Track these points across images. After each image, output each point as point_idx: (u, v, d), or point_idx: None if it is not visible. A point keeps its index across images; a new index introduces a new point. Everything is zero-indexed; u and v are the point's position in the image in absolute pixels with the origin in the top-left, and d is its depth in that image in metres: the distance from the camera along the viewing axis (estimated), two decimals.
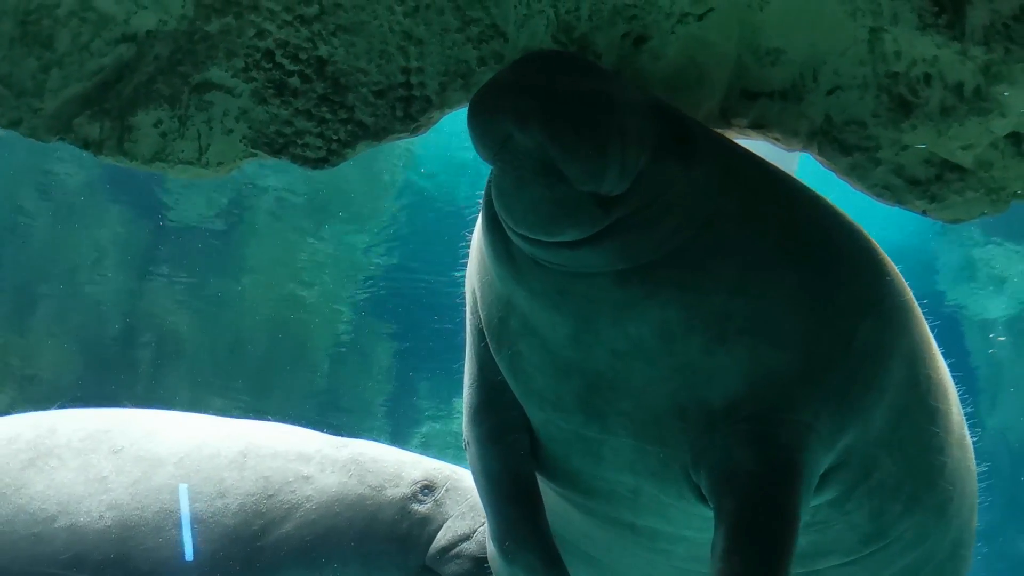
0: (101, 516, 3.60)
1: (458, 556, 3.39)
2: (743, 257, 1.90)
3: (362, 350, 11.60)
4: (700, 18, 2.14)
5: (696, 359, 1.88)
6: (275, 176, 9.80)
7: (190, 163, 2.10)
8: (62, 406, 4.23)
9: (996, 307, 10.98)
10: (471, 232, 2.37)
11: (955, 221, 2.44)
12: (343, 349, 11.51)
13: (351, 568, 3.53)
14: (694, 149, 1.91)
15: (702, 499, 2.02)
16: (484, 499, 2.28)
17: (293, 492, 3.60)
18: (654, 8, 2.12)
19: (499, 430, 2.20)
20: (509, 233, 1.90)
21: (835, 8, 2.27)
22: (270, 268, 10.63)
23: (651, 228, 1.81)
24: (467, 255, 2.35)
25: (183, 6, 2.10)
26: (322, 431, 4.18)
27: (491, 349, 2.16)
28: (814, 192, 2.24)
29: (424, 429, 12.21)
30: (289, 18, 2.12)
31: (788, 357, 1.92)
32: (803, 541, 2.10)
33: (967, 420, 2.61)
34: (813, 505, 2.09)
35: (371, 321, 11.38)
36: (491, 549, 2.88)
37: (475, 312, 2.24)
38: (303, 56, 2.13)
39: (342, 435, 4.21)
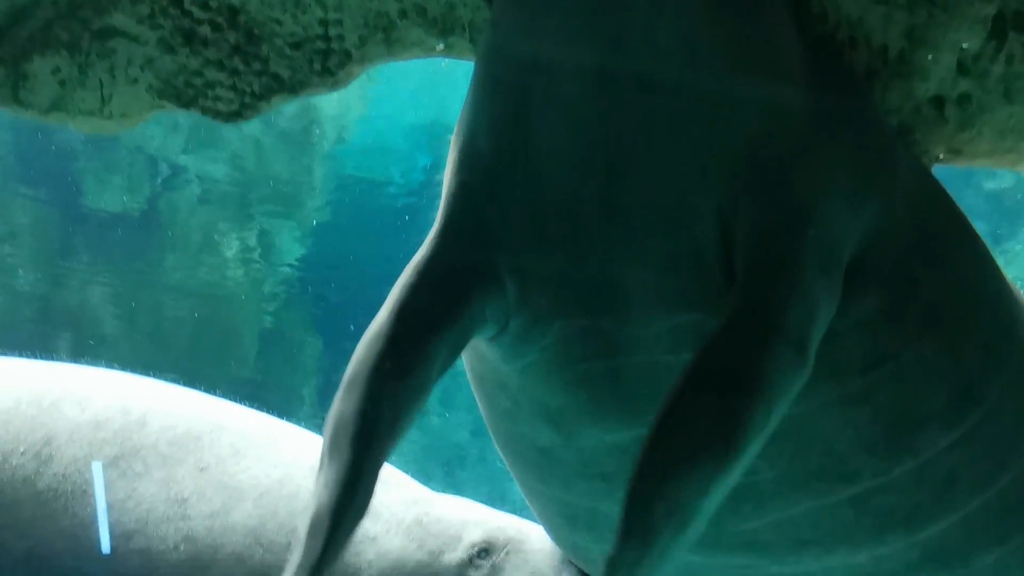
0: (176, 546, 3.31)
1: None
2: None
3: (288, 340, 11.40)
4: None
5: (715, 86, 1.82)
6: (198, 162, 9.57)
7: (91, 114, 1.98)
8: None
9: None
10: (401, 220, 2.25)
11: None
12: (269, 339, 11.30)
13: None
14: None
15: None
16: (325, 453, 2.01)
17: (358, 555, 3.31)
18: None
19: (408, 365, 1.91)
20: None
21: None
22: (193, 256, 10.38)
23: None
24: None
25: None
26: None
27: None
28: None
29: None
30: None
31: (800, 92, 1.91)
32: (884, 396, 1.98)
33: None
34: (868, 313, 1.96)
35: (297, 310, 11.20)
36: None
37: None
38: (213, 4, 2.03)
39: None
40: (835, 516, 2.05)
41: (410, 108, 9.25)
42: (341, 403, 1.94)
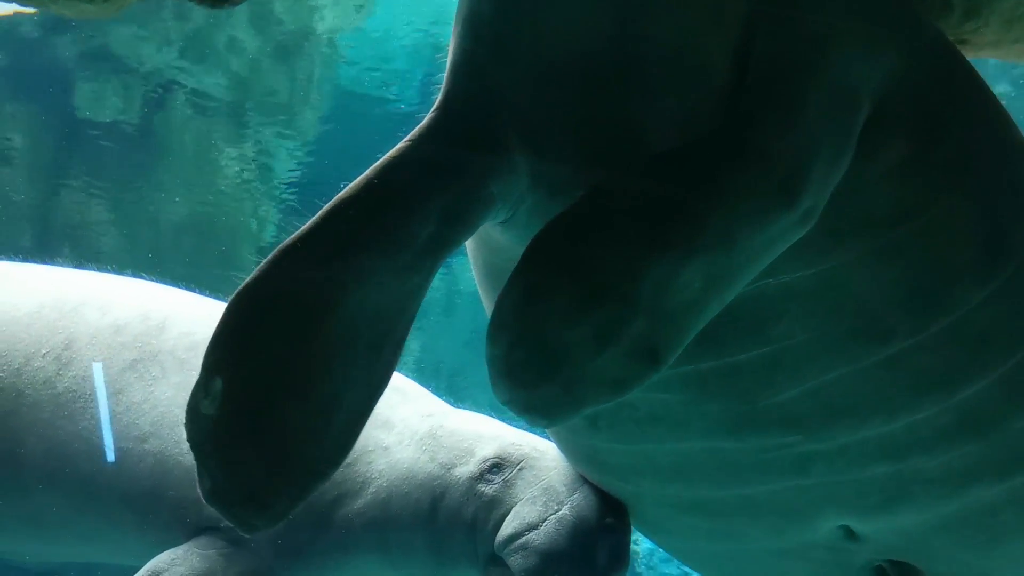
0: (190, 450, 3.41)
1: (523, 548, 2.96)
2: None
3: None
4: None
5: None
6: (193, 76, 9.44)
7: None
8: None
9: None
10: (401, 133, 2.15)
11: None
12: (269, 253, 11.30)
13: (420, 555, 3.26)
14: None
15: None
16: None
17: (369, 464, 3.33)
18: None
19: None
20: None
21: None
22: (190, 170, 10.31)
23: None
24: None
25: None
26: None
27: None
28: None
29: None
30: None
31: None
32: (915, 249, 1.93)
33: None
34: (894, 162, 1.89)
35: (297, 222, 11.18)
36: None
37: None
38: None
39: None
40: (870, 380, 2.01)
41: (410, 13, 9.08)
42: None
